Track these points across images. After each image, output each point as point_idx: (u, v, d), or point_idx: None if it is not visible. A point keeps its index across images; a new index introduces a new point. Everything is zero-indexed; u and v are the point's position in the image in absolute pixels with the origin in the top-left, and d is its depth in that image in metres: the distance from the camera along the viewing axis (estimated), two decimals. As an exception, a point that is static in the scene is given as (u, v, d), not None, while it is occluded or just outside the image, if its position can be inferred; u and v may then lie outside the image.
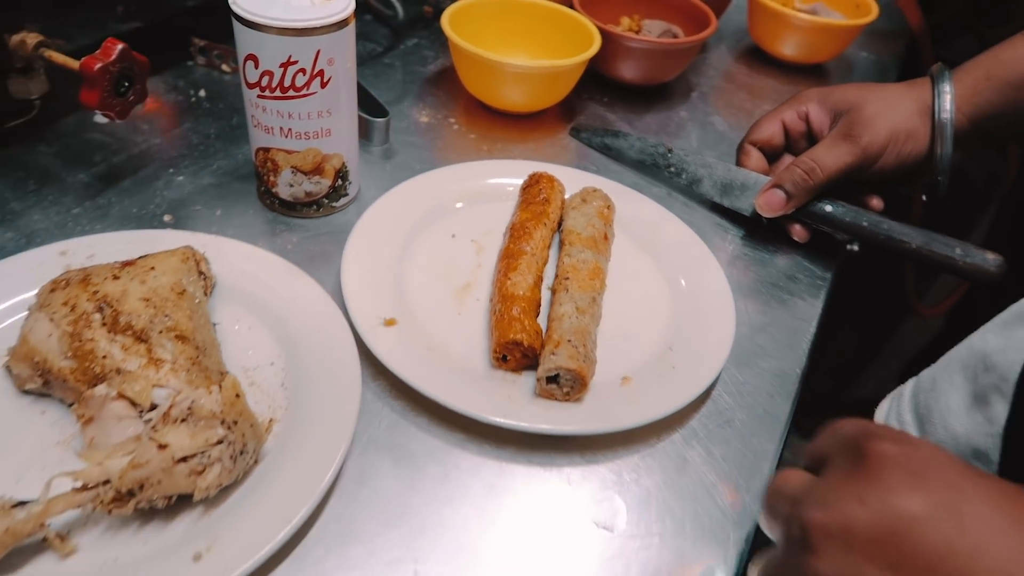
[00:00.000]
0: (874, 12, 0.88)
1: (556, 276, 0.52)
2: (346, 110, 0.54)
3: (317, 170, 0.55)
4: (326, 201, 0.57)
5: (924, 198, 0.64)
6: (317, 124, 0.52)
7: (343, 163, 0.56)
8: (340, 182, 0.57)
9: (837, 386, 1.81)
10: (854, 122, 0.58)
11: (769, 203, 0.59)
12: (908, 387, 0.47)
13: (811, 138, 0.63)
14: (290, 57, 0.48)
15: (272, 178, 0.55)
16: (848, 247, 0.60)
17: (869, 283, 1.32)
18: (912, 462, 0.27)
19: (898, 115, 0.58)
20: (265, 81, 0.49)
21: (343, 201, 0.58)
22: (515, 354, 0.47)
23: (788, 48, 0.89)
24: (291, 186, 0.55)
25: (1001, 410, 0.39)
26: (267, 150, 0.54)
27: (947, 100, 0.58)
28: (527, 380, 0.47)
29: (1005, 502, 0.25)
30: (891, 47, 1.01)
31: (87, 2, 0.75)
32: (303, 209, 0.57)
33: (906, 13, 1.01)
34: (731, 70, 0.89)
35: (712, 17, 0.79)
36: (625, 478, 0.44)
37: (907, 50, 1.03)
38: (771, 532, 0.31)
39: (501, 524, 0.41)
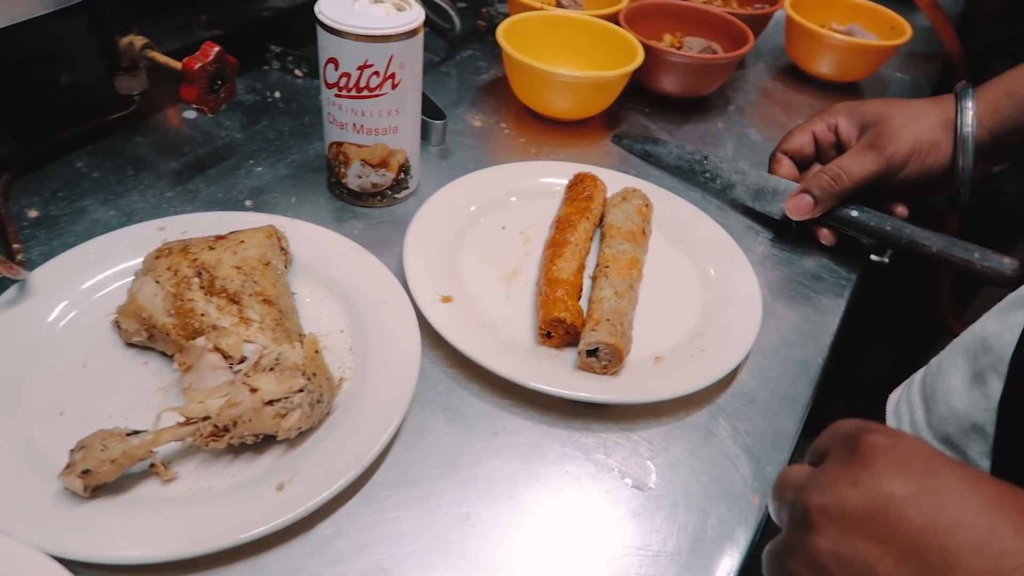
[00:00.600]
0: (908, 34, 0.92)
1: (597, 265, 0.57)
2: (411, 110, 0.59)
3: (383, 164, 0.61)
4: (389, 192, 0.63)
5: (946, 208, 0.67)
6: (386, 121, 0.58)
7: (406, 158, 0.62)
8: (403, 175, 0.63)
9: (870, 405, 1.82)
10: (880, 133, 0.62)
11: (798, 207, 0.63)
12: (919, 373, 0.51)
13: (839, 148, 0.67)
14: (367, 61, 0.54)
15: (343, 170, 0.61)
16: (874, 258, 0.64)
17: (905, 301, 1.34)
18: (898, 451, 0.30)
19: (922, 128, 0.62)
20: (343, 82, 0.55)
21: (404, 193, 0.64)
22: (558, 331, 0.52)
23: (823, 66, 0.93)
24: (359, 177, 0.61)
25: (996, 387, 0.42)
26: (340, 144, 0.60)
27: (969, 116, 0.61)
28: (569, 355, 0.52)
29: (979, 487, 0.29)
30: (926, 68, 1.05)
31: (175, 11, 0.82)
32: (368, 199, 0.63)
33: (943, 37, 1.04)
34: (768, 86, 0.94)
35: (750, 35, 0.84)
36: (656, 446, 0.48)
37: (942, 72, 1.06)
38: (778, 518, 0.35)
39: (543, 478, 0.46)
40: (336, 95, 0.57)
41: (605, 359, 0.49)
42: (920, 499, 0.29)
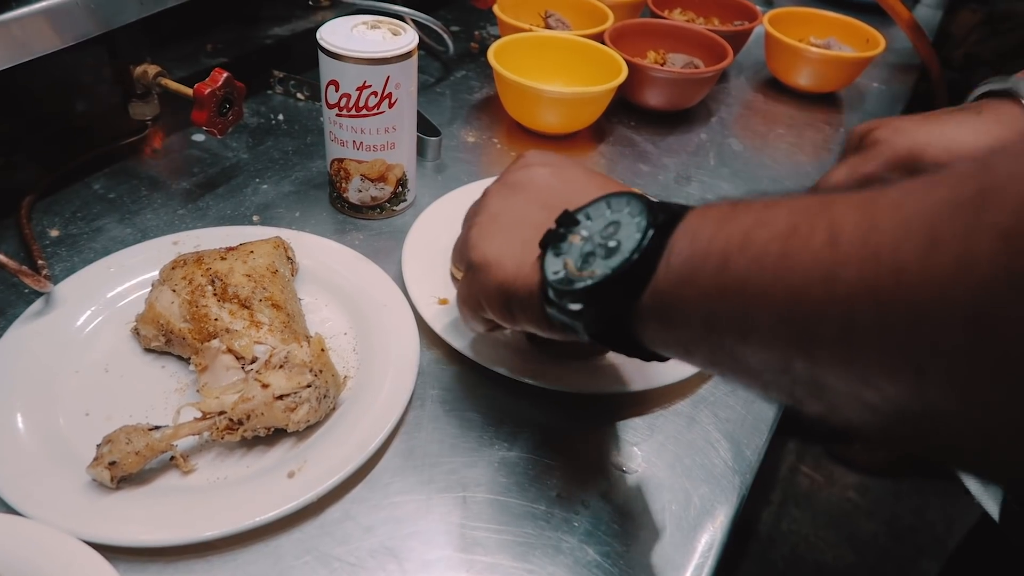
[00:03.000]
0: (882, 46, 0.96)
1: None
2: (408, 127, 0.63)
3: (382, 178, 0.65)
4: (388, 205, 0.67)
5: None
6: (384, 138, 0.62)
7: (403, 172, 0.66)
8: (400, 189, 0.66)
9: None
10: None
11: None
12: None
13: None
14: (365, 82, 0.58)
15: (344, 185, 0.65)
16: None
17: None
18: (548, 157, 0.47)
19: None
20: (343, 102, 0.59)
21: (402, 206, 0.68)
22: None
23: (802, 78, 0.97)
24: (359, 192, 0.65)
25: None
26: (341, 160, 0.64)
27: None
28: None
29: (589, 172, 0.45)
30: (903, 79, 1.09)
31: (183, 41, 0.87)
32: (368, 212, 0.67)
33: (918, 49, 1.08)
34: (749, 98, 0.98)
35: (729, 50, 0.88)
36: (642, 433, 0.52)
37: (919, 81, 1.10)
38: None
39: (535, 463, 0.49)
40: (337, 115, 0.60)
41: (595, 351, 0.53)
42: (552, 172, 0.45)
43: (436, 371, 0.54)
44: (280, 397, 0.46)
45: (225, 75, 0.62)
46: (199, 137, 0.76)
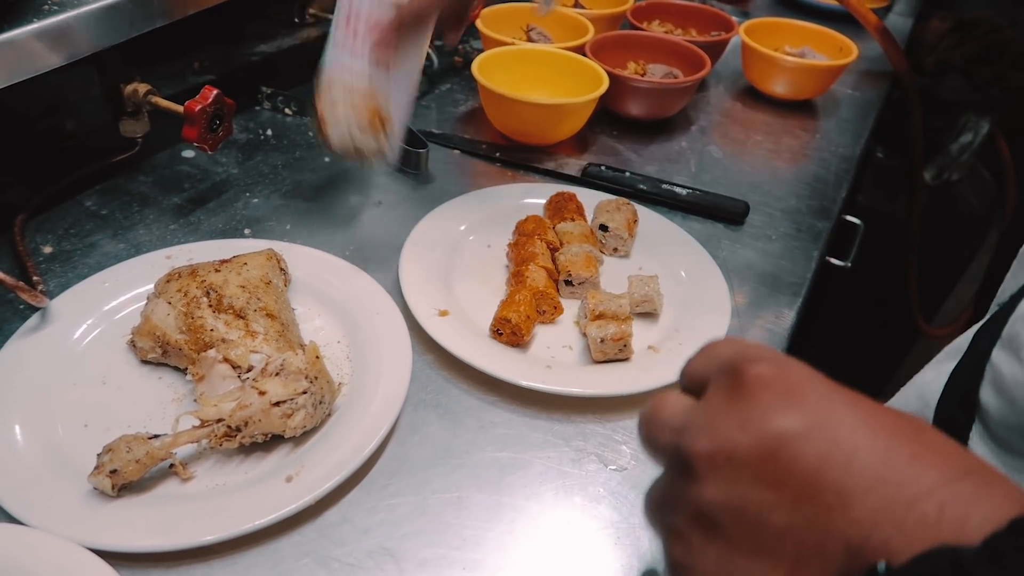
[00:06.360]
0: (854, 54, 0.99)
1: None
2: (403, 85, 0.62)
3: (372, 122, 0.61)
4: (371, 150, 0.62)
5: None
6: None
7: (391, 116, 0.62)
8: (384, 137, 0.62)
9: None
10: None
11: None
12: None
13: None
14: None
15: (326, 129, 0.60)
16: (835, 262, 0.68)
17: (878, 308, 1.39)
18: (787, 382, 0.28)
19: None
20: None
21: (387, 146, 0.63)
22: (506, 330, 0.56)
23: (779, 87, 1.00)
24: (345, 127, 0.60)
25: None
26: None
27: None
28: (549, 356, 0.57)
29: (871, 414, 0.27)
30: (877, 85, 1.12)
31: (171, 59, 0.88)
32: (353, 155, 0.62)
33: (890, 58, 1.11)
34: (727, 106, 1.00)
35: (707, 60, 0.91)
36: (630, 432, 0.53)
37: (892, 87, 1.13)
38: (652, 457, 0.32)
39: (527, 464, 0.50)
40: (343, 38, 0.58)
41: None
42: (813, 434, 0.26)
43: (430, 375, 0.55)
44: (277, 404, 0.47)
45: (215, 92, 0.63)
46: (189, 153, 0.77)
